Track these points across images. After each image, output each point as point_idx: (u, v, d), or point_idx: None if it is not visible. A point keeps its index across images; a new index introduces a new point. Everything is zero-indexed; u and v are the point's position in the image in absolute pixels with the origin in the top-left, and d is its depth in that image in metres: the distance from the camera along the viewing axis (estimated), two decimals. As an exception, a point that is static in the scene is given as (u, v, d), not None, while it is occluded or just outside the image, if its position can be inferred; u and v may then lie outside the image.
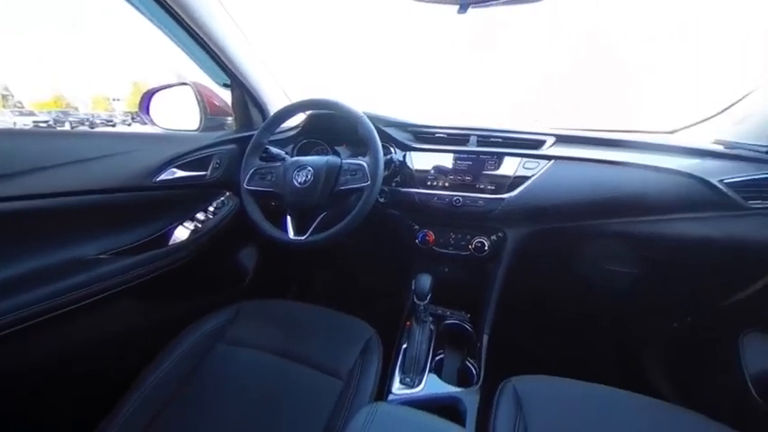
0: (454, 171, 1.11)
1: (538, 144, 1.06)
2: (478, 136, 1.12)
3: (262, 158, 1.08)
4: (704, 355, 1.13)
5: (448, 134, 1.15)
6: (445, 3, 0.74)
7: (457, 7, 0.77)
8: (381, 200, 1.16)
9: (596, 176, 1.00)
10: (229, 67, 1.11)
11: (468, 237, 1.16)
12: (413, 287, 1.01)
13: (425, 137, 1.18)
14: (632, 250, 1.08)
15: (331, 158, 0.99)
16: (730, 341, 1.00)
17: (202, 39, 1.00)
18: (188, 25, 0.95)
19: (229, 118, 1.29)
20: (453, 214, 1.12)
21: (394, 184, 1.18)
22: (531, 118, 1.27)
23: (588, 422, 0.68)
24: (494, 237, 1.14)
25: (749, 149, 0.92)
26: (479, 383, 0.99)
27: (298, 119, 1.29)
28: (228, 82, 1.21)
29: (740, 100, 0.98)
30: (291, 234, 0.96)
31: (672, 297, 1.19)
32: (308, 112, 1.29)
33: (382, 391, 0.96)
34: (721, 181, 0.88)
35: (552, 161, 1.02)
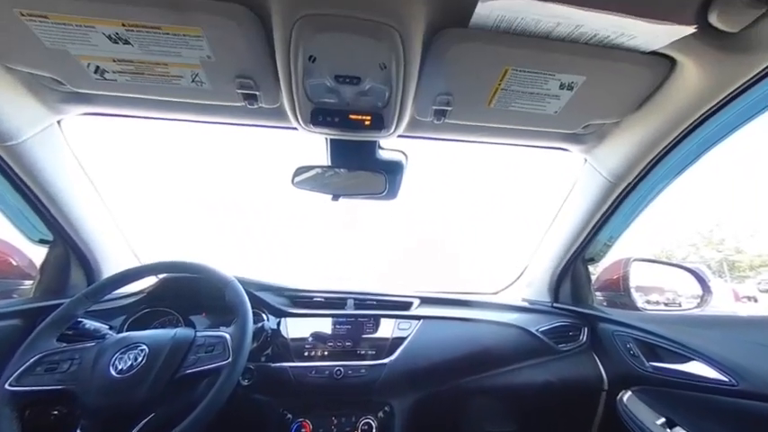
0: (333, 337, 1.05)
1: (407, 305, 1.17)
2: (355, 299, 1.16)
3: (65, 338, 0.76)
4: None
5: (325, 298, 1.15)
6: (322, 192, 0.91)
7: (331, 196, 0.97)
8: (245, 382, 0.92)
9: (457, 333, 1.13)
10: (57, 219, 0.91)
11: (353, 419, 0.99)
12: None
13: (302, 301, 1.14)
14: (503, 404, 1.14)
15: (181, 331, 0.79)
16: None
17: (28, 188, 0.83)
18: (8, 170, 0.80)
19: (26, 282, 0.95)
20: (334, 389, 0.97)
21: (264, 359, 0.98)
22: (395, 282, 1.45)
23: None
24: (381, 413, 1.00)
25: (542, 305, 1.28)
26: None
27: (142, 284, 1.06)
28: (48, 237, 0.96)
29: (524, 271, 1.44)
30: None
31: None
32: (161, 276, 1.09)
33: None
34: (537, 329, 1.15)
35: (421, 321, 1.12)
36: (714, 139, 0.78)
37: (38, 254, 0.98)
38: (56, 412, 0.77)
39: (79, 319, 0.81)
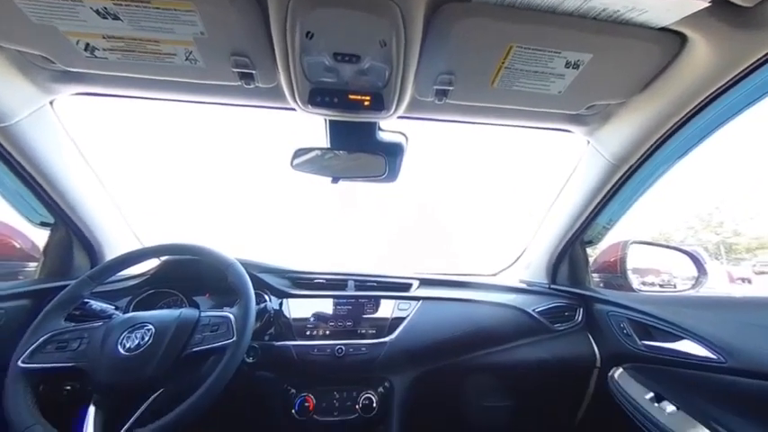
0: (335, 317, 1.08)
1: (407, 287, 1.19)
2: (355, 281, 1.18)
3: (73, 317, 0.78)
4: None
5: (326, 279, 1.17)
6: (322, 174, 0.91)
7: (330, 178, 0.96)
8: (249, 360, 0.95)
9: (456, 313, 1.16)
10: (57, 201, 0.91)
11: (354, 394, 1.03)
12: None
13: (304, 282, 1.15)
14: (499, 381, 1.18)
15: (186, 311, 0.81)
16: None
17: (25, 170, 0.83)
18: (3, 152, 0.79)
19: (31, 264, 0.96)
20: (336, 366, 1.00)
21: (267, 338, 1.01)
22: (395, 262, 1.47)
23: None
24: (381, 389, 1.04)
25: (539, 286, 1.30)
26: None
27: (146, 266, 1.07)
28: (49, 220, 0.96)
29: (523, 253, 1.46)
30: None
31: (541, 421, 1.28)
32: (163, 258, 1.10)
33: None
34: (534, 310, 1.18)
35: (421, 301, 1.14)
36: (720, 120, 0.76)
37: (40, 236, 0.98)
38: (68, 388, 0.80)
39: (86, 300, 0.82)
